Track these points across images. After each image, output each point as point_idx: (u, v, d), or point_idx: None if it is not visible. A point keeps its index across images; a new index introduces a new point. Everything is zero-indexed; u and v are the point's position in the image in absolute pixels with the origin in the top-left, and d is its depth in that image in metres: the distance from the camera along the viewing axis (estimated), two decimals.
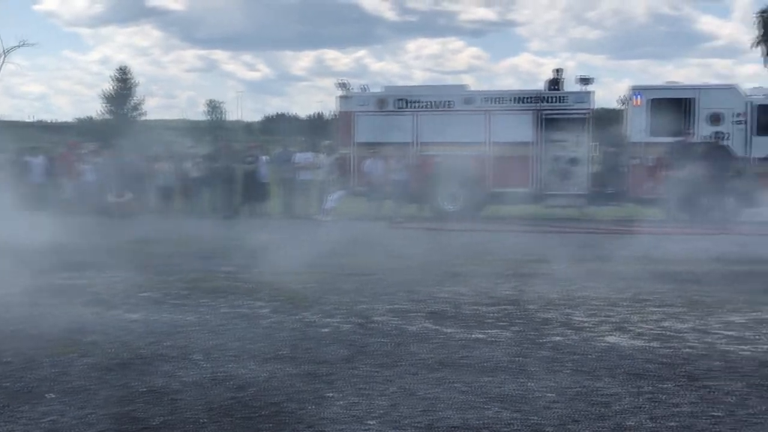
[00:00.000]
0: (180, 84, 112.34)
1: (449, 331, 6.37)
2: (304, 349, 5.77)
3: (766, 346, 5.87)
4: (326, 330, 6.40)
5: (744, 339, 6.09)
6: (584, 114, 17.69)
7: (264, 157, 19.20)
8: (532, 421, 4.26)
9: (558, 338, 6.12)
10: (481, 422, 4.25)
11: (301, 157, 18.87)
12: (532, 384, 4.91)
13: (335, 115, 20.51)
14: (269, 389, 4.83)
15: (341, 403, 4.57)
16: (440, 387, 4.87)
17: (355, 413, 4.39)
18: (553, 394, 4.71)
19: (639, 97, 17.35)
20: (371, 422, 4.26)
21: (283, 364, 5.37)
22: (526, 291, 8.14)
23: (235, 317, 6.89)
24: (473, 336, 6.20)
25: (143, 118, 59.94)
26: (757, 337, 6.17)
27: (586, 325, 6.59)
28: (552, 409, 4.46)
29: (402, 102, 18.28)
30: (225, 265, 10.00)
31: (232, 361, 5.46)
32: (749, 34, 48.95)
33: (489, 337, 6.17)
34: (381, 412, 4.42)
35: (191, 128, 43.09)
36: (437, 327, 6.49)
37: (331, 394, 4.72)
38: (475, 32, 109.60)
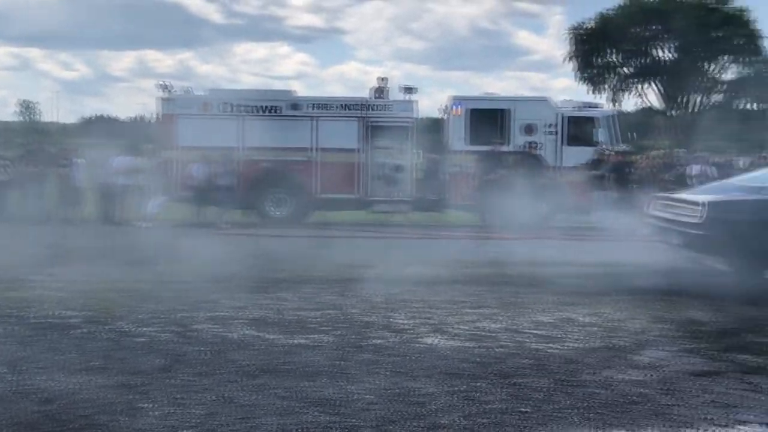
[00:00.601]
0: None
1: (271, 337, 6.31)
2: (117, 360, 5.54)
3: (571, 344, 6.20)
4: (142, 340, 6.17)
5: (552, 338, 6.42)
6: (408, 122, 18.10)
7: (79, 161, 18.28)
8: (349, 424, 4.29)
9: (378, 341, 6.20)
10: (299, 427, 4.23)
11: (120, 161, 18.08)
12: (352, 387, 4.95)
13: (157, 118, 19.87)
14: (79, 401, 4.59)
15: (156, 413, 4.41)
16: (260, 393, 4.81)
17: (170, 423, 4.26)
18: (372, 396, 4.76)
19: (458, 107, 17.99)
20: None
21: (95, 375, 5.13)
22: (349, 296, 8.21)
23: (45, 327, 6.51)
24: (295, 341, 6.17)
25: None
26: (564, 335, 6.51)
27: (406, 327, 6.72)
28: (370, 410, 4.51)
29: (227, 106, 17.99)
30: (34, 274, 9.43)
31: (39, 373, 5.16)
32: (562, 49, 51.85)
33: (311, 342, 6.17)
34: (197, 421, 4.31)
35: (1, 129, 40.55)
36: (259, 333, 6.42)
37: (145, 405, 4.55)
38: (303, 38, 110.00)
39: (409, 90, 18.25)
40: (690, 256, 9.84)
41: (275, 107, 17.97)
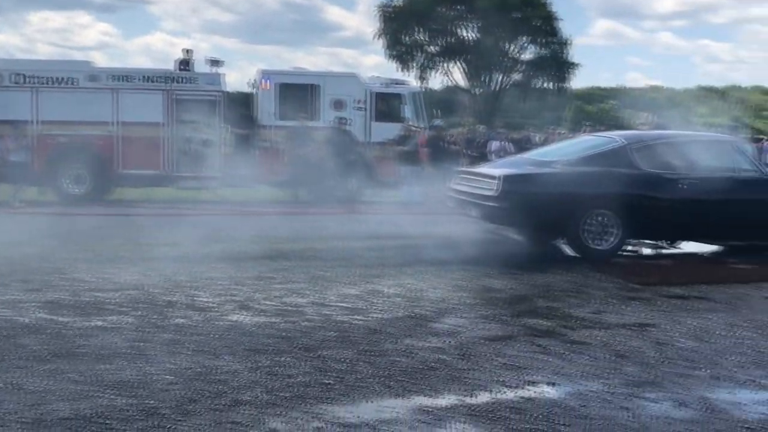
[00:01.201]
0: None
1: (65, 320, 5.99)
2: None
3: (376, 315, 6.33)
4: None
5: (357, 309, 6.52)
6: (215, 96, 17.70)
7: None
8: (148, 405, 4.16)
9: (181, 320, 6.05)
10: (93, 411, 4.06)
11: None
12: (151, 368, 4.80)
13: None
14: None
15: None
16: (52, 379, 4.56)
17: None
18: (172, 377, 4.64)
19: (267, 81, 17.81)
20: None
21: None
22: (152, 275, 7.94)
23: None
24: (92, 324, 5.90)
25: None
26: (369, 307, 6.63)
27: (210, 305, 6.60)
28: (169, 391, 4.40)
29: (20, 77, 16.85)
30: None
31: None
32: (372, 26, 52.57)
33: (109, 324, 5.92)
34: None
35: None
36: (52, 317, 6.08)
37: None
38: (105, 7, 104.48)
39: (215, 63, 17.85)
40: (489, 227, 10.31)
41: (72, 79, 17.01)
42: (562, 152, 10.33)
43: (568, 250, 9.59)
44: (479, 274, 8.20)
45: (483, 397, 4.39)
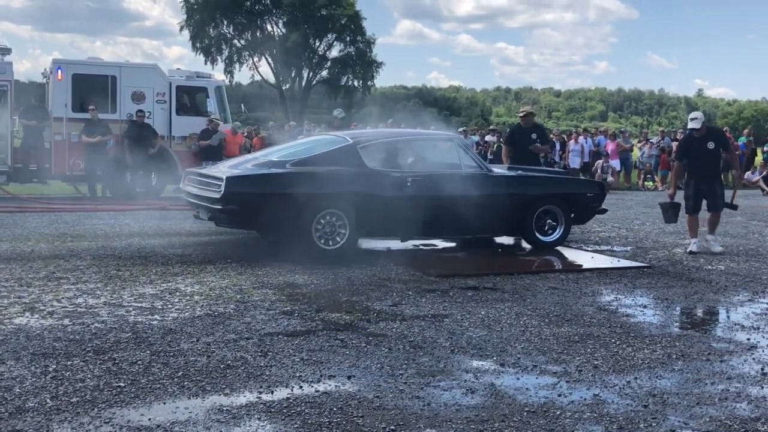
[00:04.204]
0: None
1: None
2: None
3: (173, 315, 6.17)
4: None
5: (154, 309, 6.33)
6: (3, 85, 16.59)
7: None
8: None
9: None
10: None
11: None
12: None
13: None
14: None
15: None
16: None
17: None
18: None
19: (61, 71, 16.90)
20: None
21: None
22: None
23: None
24: None
25: None
26: (167, 306, 6.46)
27: None
28: None
29: None
30: None
31: None
32: (177, 17, 51.35)
33: None
34: None
35: None
36: None
37: None
38: None
39: (2, 50, 16.73)
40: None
41: None
42: (292, 152, 9.98)
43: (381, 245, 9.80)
44: (283, 270, 8.20)
45: (281, 393, 4.39)
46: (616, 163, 23.81)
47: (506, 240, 10.98)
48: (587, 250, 10.30)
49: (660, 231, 12.47)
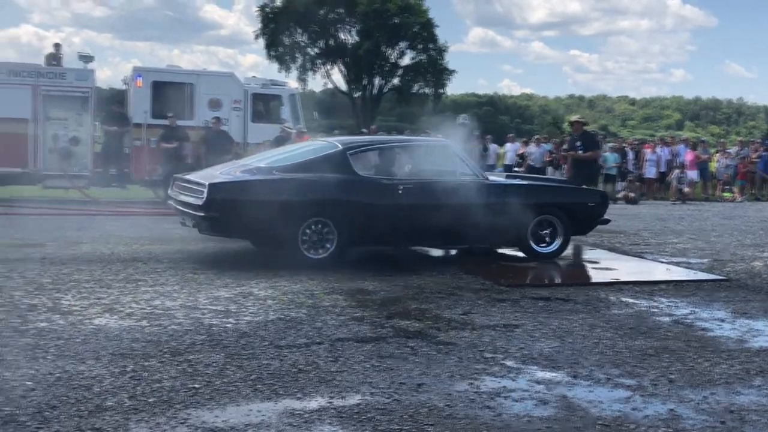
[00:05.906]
0: None
1: None
2: None
3: (247, 318, 6.27)
4: None
5: (228, 312, 6.45)
6: (85, 92, 17.16)
7: None
8: (4, 413, 3.99)
9: (43, 324, 5.83)
10: None
11: None
12: (9, 374, 4.60)
13: None
14: None
15: None
16: None
17: None
18: (31, 383, 4.47)
19: (141, 78, 17.37)
20: None
21: None
22: (14, 277, 7.62)
23: None
24: None
25: None
26: (241, 309, 6.57)
27: (75, 308, 6.38)
28: (28, 397, 4.23)
29: None
30: None
31: None
32: (252, 26, 52.27)
33: None
34: None
35: None
36: None
37: None
38: None
39: (86, 58, 17.30)
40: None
41: None
42: (281, 158, 9.67)
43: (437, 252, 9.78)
44: (353, 276, 8.25)
45: (352, 399, 4.42)
46: (693, 174, 23.27)
47: (578, 252, 10.83)
48: (662, 262, 10.10)
49: (738, 243, 12.15)
